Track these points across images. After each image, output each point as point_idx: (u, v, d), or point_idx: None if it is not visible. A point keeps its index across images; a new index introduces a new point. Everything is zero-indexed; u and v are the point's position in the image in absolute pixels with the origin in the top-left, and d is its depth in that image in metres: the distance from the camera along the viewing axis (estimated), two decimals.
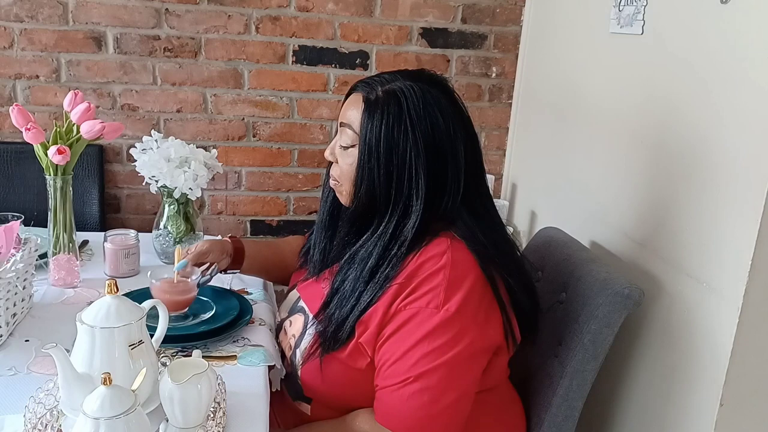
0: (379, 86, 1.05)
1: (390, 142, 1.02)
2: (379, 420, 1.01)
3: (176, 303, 1.18)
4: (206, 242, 1.25)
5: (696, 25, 1.25)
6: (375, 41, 2.07)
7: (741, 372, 1.13)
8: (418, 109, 1.02)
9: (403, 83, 1.04)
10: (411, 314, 0.99)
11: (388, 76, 1.06)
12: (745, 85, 1.12)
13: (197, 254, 1.22)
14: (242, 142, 2.10)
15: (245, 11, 1.98)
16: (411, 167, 1.02)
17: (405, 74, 1.07)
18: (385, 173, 1.03)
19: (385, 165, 1.02)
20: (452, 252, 1.01)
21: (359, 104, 1.05)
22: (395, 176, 1.03)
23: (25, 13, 1.88)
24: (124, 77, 1.98)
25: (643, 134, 1.42)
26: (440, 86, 1.07)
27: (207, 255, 1.23)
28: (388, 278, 1.02)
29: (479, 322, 1.00)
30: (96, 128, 1.27)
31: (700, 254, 1.21)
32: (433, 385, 0.97)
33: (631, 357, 1.39)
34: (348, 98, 1.10)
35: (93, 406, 0.76)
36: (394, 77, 1.06)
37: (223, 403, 0.96)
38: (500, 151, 2.26)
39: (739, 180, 1.12)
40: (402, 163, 1.02)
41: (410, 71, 1.09)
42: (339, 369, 1.06)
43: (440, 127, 1.03)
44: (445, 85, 1.09)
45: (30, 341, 1.12)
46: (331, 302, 1.08)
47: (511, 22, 2.14)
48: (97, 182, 1.97)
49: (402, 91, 1.03)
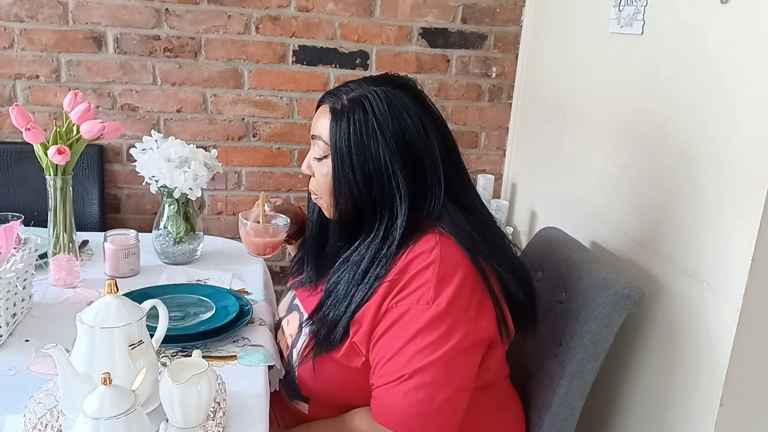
0: (344, 95, 1.07)
1: (360, 147, 1.04)
2: (377, 419, 1.02)
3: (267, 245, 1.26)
4: (286, 201, 1.37)
5: (696, 25, 1.25)
6: (375, 41, 2.08)
7: (741, 372, 1.13)
8: (383, 111, 1.04)
9: (367, 89, 1.06)
10: (402, 311, 1.00)
11: (353, 84, 1.09)
12: (745, 85, 1.12)
13: (280, 205, 1.33)
14: (242, 142, 2.10)
15: (245, 11, 1.98)
16: (387, 168, 1.03)
17: (369, 80, 1.10)
18: (362, 178, 1.04)
19: (360, 170, 1.04)
20: (441, 247, 1.01)
21: (327, 115, 1.07)
22: (374, 179, 1.04)
23: (25, 13, 1.88)
24: (124, 77, 1.98)
25: (643, 134, 1.42)
26: (404, 87, 1.09)
27: (286, 211, 1.32)
28: (379, 277, 1.03)
29: (471, 316, 1.00)
30: (96, 128, 1.27)
31: (700, 254, 1.21)
32: (429, 381, 0.97)
33: (631, 357, 1.39)
34: (317, 111, 1.12)
35: (93, 406, 0.76)
36: (358, 85, 1.08)
37: (223, 403, 0.96)
38: (500, 151, 2.27)
39: (739, 180, 1.12)
40: (377, 165, 1.04)
41: (374, 77, 1.12)
42: (335, 369, 1.07)
43: (408, 125, 1.04)
44: (409, 85, 1.10)
45: (30, 341, 1.12)
46: (325, 304, 1.09)
47: (511, 22, 2.14)
48: (97, 182, 1.97)
49: (366, 97, 1.05)
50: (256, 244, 1.26)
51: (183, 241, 1.48)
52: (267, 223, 1.28)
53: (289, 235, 1.35)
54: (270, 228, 1.28)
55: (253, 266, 1.51)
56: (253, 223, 1.26)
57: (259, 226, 1.26)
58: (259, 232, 1.26)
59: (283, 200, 1.37)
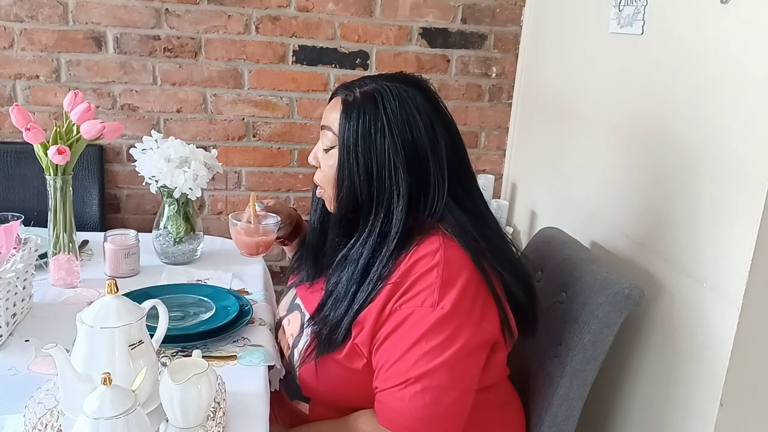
0: (358, 89, 1.08)
1: (368, 141, 1.04)
2: (382, 422, 1.01)
3: (258, 244, 1.26)
4: (279, 202, 1.37)
5: (696, 25, 1.25)
6: (375, 41, 2.08)
7: (741, 372, 1.13)
8: (394, 107, 1.04)
9: (380, 84, 1.07)
10: (406, 314, 1.00)
11: (368, 79, 1.10)
12: (745, 85, 1.12)
13: (272, 205, 1.32)
14: (242, 142, 2.10)
15: (245, 11, 1.98)
16: (390, 165, 1.04)
17: (384, 76, 1.10)
18: (364, 172, 1.05)
19: (364, 164, 1.04)
20: (444, 250, 1.01)
21: (338, 107, 1.08)
22: (375, 174, 1.04)
23: (25, 13, 1.88)
24: (124, 77, 1.98)
25: (643, 134, 1.42)
26: (417, 85, 1.09)
27: (278, 212, 1.31)
28: (381, 278, 1.03)
29: (475, 318, 1.00)
30: (96, 128, 1.27)
31: (700, 254, 1.21)
32: (435, 384, 0.97)
33: (631, 357, 1.39)
34: (329, 102, 1.12)
35: (93, 406, 0.76)
36: (372, 80, 1.09)
37: (223, 403, 0.96)
38: (500, 151, 2.27)
39: (739, 180, 1.12)
40: (381, 161, 1.04)
41: (389, 74, 1.12)
42: (336, 369, 1.07)
43: (417, 124, 1.04)
44: (423, 84, 1.11)
45: (30, 341, 1.12)
46: (326, 304, 1.09)
47: (511, 22, 2.14)
48: (97, 182, 1.97)
49: (378, 91, 1.06)
50: (248, 244, 1.26)
51: (183, 241, 1.48)
52: (258, 223, 1.28)
53: (283, 236, 1.36)
54: (261, 228, 1.27)
55: (253, 266, 1.51)
56: (243, 223, 1.26)
57: (250, 226, 1.26)
58: (250, 231, 1.26)
59: (276, 200, 1.37)
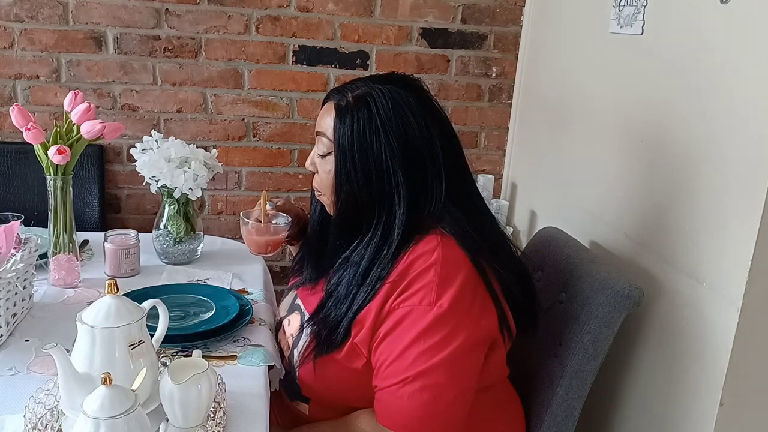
0: (350, 92, 1.07)
1: (363, 145, 1.04)
2: (381, 420, 1.01)
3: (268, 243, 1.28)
4: (288, 202, 1.38)
5: (696, 25, 1.25)
6: (375, 41, 2.08)
7: (741, 372, 1.13)
8: (387, 109, 1.04)
9: (372, 87, 1.06)
10: (405, 312, 1.00)
11: (359, 82, 1.09)
12: (745, 85, 1.12)
13: (282, 205, 1.33)
14: (242, 142, 2.10)
15: (245, 11, 1.98)
16: (388, 167, 1.03)
17: (375, 78, 1.10)
18: (363, 176, 1.04)
19: (361, 168, 1.04)
20: (442, 248, 1.01)
21: (331, 112, 1.08)
22: (374, 178, 1.04)
23: (25, 13, 1.88)
24: (124, 77, 1.98)
25: (643, 134, 1.42)
26: (410, 87, 1.09)
27: (287, 212, 1.32)
28: (380, 278, 1.03)
29: (473, 316, 1.00)
30: (96, 128, 1.27)
31: (700, 254, 1.21)
32: (434, 382, 0.97)
33: (631, 357, 1.39)
34: (322, 107, 1.12)
35: (93, 406, 0.76)
36: (364, 83, 1.08)
37: (223, 403, 0.96)
38: (500, 151, 2.27)
39: (739, 180, 1.12)
40: (378, 164, 1.04)
41: (381, 75, 1.12)
42: (336, 369, 1.07)
43: (412, 125, 1.04)
44: (415, 85, 1.10)
45: (30, 341, 1.12)
46: (326, 305, 1.09)
47: (511, 22, 2.14)
48: (97, 182, 1.97)
49: (371, 95, 1.05)
50: (258, 243, 1.27)
51: (183, 241, 1.48)
52: (268, 221, 1.29)
53: (290, 236, 1.35)
54: (271, 227, 1.28)
55: (254, 266, 1.51)
56: (254, 222, 1.27)
57: (260, 225, 1.27)
58: (260, 230, 1.27)
59: (285, 200, 1.37)
